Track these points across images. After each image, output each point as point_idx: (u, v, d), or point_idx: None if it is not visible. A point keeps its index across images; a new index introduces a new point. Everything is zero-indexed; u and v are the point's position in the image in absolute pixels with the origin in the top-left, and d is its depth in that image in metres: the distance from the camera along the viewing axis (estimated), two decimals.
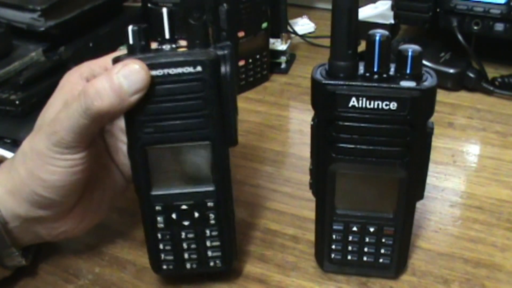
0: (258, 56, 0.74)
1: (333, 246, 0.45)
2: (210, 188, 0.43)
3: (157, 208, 0.43)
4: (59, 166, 0.41)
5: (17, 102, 0.65)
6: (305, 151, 0.46)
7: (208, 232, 0.44)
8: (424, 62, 0.41)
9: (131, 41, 0.39)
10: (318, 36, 0.88)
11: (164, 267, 0.45)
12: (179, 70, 0.39)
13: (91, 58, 0.47)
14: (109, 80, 0.38)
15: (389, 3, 0.80)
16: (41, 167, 0.41)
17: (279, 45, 0.79)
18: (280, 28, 0.80)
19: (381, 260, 0.45)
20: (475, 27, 0.70)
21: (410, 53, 0.37)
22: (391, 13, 0.77)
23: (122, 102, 0.39)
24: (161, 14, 0.39)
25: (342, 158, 0.41)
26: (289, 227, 0.52)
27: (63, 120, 0.40)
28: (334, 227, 0.44)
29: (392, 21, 0.80)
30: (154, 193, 0.43)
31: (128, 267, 0.49)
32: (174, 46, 0.40)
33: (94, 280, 0.47)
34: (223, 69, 0.40)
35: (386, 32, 0.37)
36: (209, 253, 0.45)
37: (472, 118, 0.67)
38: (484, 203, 0.54)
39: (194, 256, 0.45)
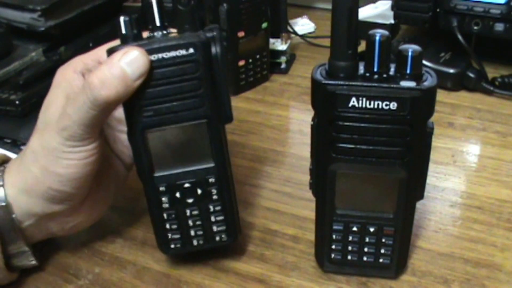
0: (258, 56, 0.74)
1: (333, 246, 0.45)
2: (211, 165, 0.44)
3: (161, 189, 0.44)
4: (74, 159, 0.42)
5: (17, 102, 0.65)
6: (305, 151, 0.46)
7: (211, 207, 0.45)
8: (424, 62, 0.41)
9: (123, 31, 0.41)
10: (318, 36, 0.88)
11: (172, 246, 0.46)
12: (173, 53, 0.40)
13: None
14: (112, 68, 0.39)
15: (389, 3, 0.80)
16: (55, 163, 0.42)
17: (279, 45, 0.79)
18: (280, 28, 0.80)
19: (381, 260, 0.45)
20: (475, 27, 0.70)
21: (410, 53, 0.37)
22: (391, 13, 0.76)
23: (127, 89, 0.40)
24: (150, 2, 0.41)
25: (342, 158, 0.41)
26: (289, 227, 0.52)
27: (71, 114, 0.41)
28: (334, 227, 0.44)
29: (392, 21, 0.80)
30: (157, 174, 0.44)
31: (128, 267, 0.49)
32: (165, 32, 0.42)
33: (94, 280, 0.47)
34: (213, 49, 0.41)
35: (386, 32, 0.37)
36: (214, 228, 0.46)
37: (472, 118, 0.67)
38: (484, 203, 0.54)
39: (200, 233, 0.46)
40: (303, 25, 0.91)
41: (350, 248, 0.45)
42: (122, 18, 0.41)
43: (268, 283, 0.47)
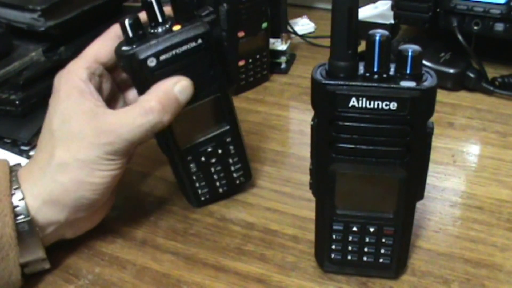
0: (258, 56, 0.74)
1: (333, 246, 0.45)
2: (226, 127, 0.52)
3: (189, 158, 0.51)
4: (110, 170, 0.45)
5: (17, 102, 0.65)
6: (305, 151, 0.46)
7: (231, 160, 0.53)
8: (424, 62, 0.41)
9: (130, 34, 0.44)
10: (318, 36, 0.88)
11: (202, 198, 0.54)
12: (185, 47, 0.45)
13: None
14: (170, 95, 0.45)
15: (389, 3, 0.80)
16: (91, 174, 0.44)
17: (279, 45, 0.79)
18: (280, 28, 0.80)
19: (381, 260, 0.45)
20: (475, 27, 0.70)
21: (410, 53, 0.37)
22: (391, 13, 0.76)
23: (177, 112, 0.46)
24: (151, 2, 0.45)
25: (342, 158, 0.41)
26: (289, 227, 0.52)
27: (122, 133, 0.44)
28: (334, 227, 0.44)
29: (392, 21, 0.80)
30: (183, 147, 0.50)
31: (128, 267, 0.49)
32: (167, 26, 0.45)
33: (94, 280, 0.47)
34: (214, 32, 0.46)
35: (386, 32, 0.37)
36: (235, 175, 0.54)
37: (472, 118, 0.67)
38: (484, 203, 0.54)
39: (224, 182, 0.54)
40: (303, 25, 0.91)
41: (350, 248, 0.45)
42: (127, 22, 0.43)
43: (268, 283, 0.47)
